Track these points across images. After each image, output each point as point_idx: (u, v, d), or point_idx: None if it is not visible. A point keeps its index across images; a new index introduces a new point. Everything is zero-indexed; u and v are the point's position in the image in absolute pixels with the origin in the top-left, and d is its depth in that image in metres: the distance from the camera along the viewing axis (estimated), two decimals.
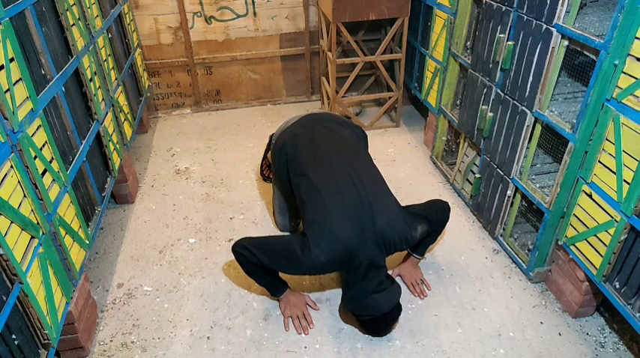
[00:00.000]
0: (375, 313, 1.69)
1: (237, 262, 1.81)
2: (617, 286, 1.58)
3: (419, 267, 2.09)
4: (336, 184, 1.76)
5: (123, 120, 2.65)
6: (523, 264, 2.06)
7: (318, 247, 1.64)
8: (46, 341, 1.45)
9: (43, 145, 1.61)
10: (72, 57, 2.01)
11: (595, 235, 1.64)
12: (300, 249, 1.67)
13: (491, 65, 2.12)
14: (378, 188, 1.81)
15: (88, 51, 2.19)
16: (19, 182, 1.41)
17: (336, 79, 3.20)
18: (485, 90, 2.20)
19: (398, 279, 2.06)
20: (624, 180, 1.48)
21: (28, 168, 1.47)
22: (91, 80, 2.18)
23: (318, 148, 1.90)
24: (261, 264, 1.74)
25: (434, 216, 1.90)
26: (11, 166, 1.37)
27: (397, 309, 1.77)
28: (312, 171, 1.82)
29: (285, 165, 1.96)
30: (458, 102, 2.66)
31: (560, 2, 1.64)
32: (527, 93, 1.87)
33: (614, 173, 1.52)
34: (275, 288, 1.91)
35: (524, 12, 1.85)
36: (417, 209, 1.89)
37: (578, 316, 1.87)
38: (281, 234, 2.34)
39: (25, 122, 1.49)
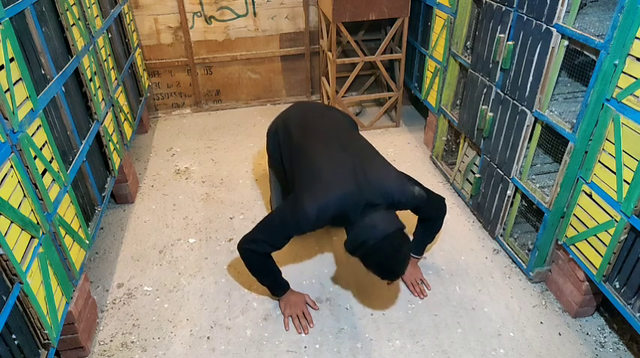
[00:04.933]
0: (376, 235, 1.57)
1: (244, 260, 1.79)
2: (617, 286, 1.58)
3: (418, 267, 2.09)
4: (327, 150, 1.75)
5: (123, 120, 2.65)
6: (523, 264, 2.06)
7: (309, 194, 1.62)
8: (46, 341, 1.45)
9: (43, 145, 1.61)
10: (72, 57, 2.01)
11: (595, 235, 1.64)
12: (292, 205, 1.65)
13: (491, 65, 2.12)
14: (370, 152, 1.81)
15: (88, 51, 2.19)
16: (19, 182, 1.41)
17: (336, 79, 3.20)
18: (485, 90, 2.20)
19: (399, 279, 2.06)
20: (624, 180, 1.48)
21: (28, 168, 1.47)
22: (91, 80, 2.18)
23: (308, 125, 1.92)
24: (272, 247, 1.71)
25: (430, 193, 1.85)
26: (11, 166, 1.37)
27: (403, 241, 1.64)
28: (303, 143, 1.83)
29: (278, 149, 1.98)
30: (458, 102, 2.66)
31: (560, 2, 1.64)
32: (527, 93, 1.87)
33: (614, 173, 1.52)
34: (277, 288, 1.91)
35: (524, 12, 1.85)
36: (415, 182, 1.84)
37: (578, 316, 1.87)
38: None
39: (25, 122, 1.49)
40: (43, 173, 1.58)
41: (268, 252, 1.75)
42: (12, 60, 1.46)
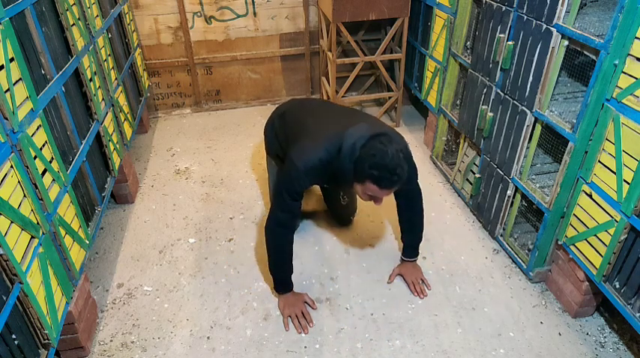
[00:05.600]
0: (362, 140, 1.58)
1: (267, 240, 1.83)
2: (617, 286, 1.58)
3: (418, 266, 2.09)
4: (318, 115, 1.90)
5: (123, 120, 2.65)
6: (523, 264, 2.06)
7: (296, 148, 1.73)
8: (46, 341, 1.45)
9: (43, 145, 1.61)
10: (72, 57, 2.01)
11: (595, 235, 1.64)
12: (285, 165, 1.75)
13: (491, 65, 2.12)
14: (365, 114, 1.97)
15: (88, 51, 2.19)
16: (19, 182, 1.41)
17: (336, 79, 3.20)
18: (485, 90, 2.20)
19: (399, 279, 2.06)
20: (624, 180, 1.48)
21: (28, 168, 1.47)
22: (91, 80, 2.18)
23: (304, 107, 2.06)
24: (286, 213, 1.75)
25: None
26: (11, 166, 1.37)
27: (392, 139, 1.62)
28: (297, 117, 1.95)
29: (275, 138, 2.08)
30: (458, 102, 2.66)
31: (560, 2, 1.64)
32: (527, 93, 1.87)
33: (614, 173, 1.52)
34: (282, 283, 1.92)
35: (524, 12, 1.85)
36: None
37: (578, 316, 1.87)
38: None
39: (25, 122, 1.49)
40: (43, 173, 1.58)
41: (287, 224, 1.78)
42: (12, 60, 1.46)
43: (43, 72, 1.74)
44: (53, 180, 1.66)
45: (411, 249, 2.05)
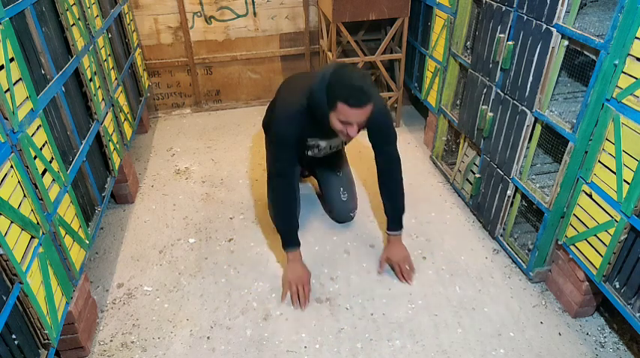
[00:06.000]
0: (330, 70, 1.72)
1: (269, 194, 2.10)
2: (617, 286, 1.58)
3: (404, 246, 2.10)
4: (297, 82, 2.03)
5: (123, 120, 2.65)
6: (523, 264, 2.06)
7: (279, 102, 1.96)
8: (46, 341, 1.46)
9: (43, 145, 1.61)
10: (72, 57, 2.01)
11: (595, 235, 1.64)
12: (274, 119, 1.93)
13: (491, 65, 2.12)
14: None
15: (88, 51, 2.19)
16: (19, 182, 1.41)
17: None
18: (485, 90, 2.20)
19: (401, 284, 2.06)
20: (624, 180, 1.48)
21: (28, 168, 1.47)
22: (91, 80, 2.18)
23: (284, 83, 2.19)
24: (282, 161, 1.90)
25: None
26: (11, 166, 1.37)
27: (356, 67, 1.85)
28: (280, 92, 2.10)
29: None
30: (458, 102, 2.66)
31: (560, 2, 1.64)
32: (527, 93, 1.87)
33: (614, 173, 1.52)
34: (289, 240, 1.98)
35: (524, 12, 1.85)
36: None
37: (578, 316, 1.87)
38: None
39: (25, 122, 1.49)
40: (43, 173, 1.58)
41: (285, 172, 1.91)
42: (12, 60, 1.46)
43: (43, 72, 1.74)
44: (53, 180, 1.66)
45: (394, 220, 2.08)
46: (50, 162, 1.65)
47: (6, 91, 1.39)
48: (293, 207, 1.96)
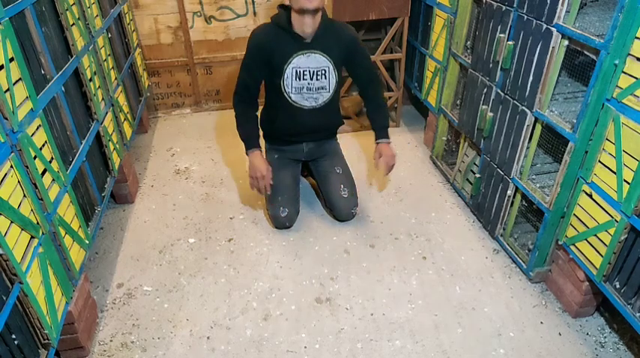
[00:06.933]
0: None
1: (234, 111, 2.27)
2: (618, 286, 1.58)
3: (393, 150, 2.36)
4: None
5: (123, 120, 2.65)
6: (523, 264, 2.06)
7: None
8: (46, 341, 1.45)
9: (43, 145, 1.61)
10: (72, 57, 2.00)
11: (595, 235, 1.64)
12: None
13: (491, 65, 2.12)
14: None
15: (87, 51, 2.19)
16: (18, 182, 1.41)
17: None
18: (485, 90, 2.20)
19: (399, 279, 2.06)
20: (624, 180, 1.48)
21: (27, 168, 1.46)
22: (90, 80, 2.17)
23: None
24: (245, 79, 2.20)
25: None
26: (11, 166, 1.37)
27: None
28: None
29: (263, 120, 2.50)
30: (458, 102, 2.66)
31: (560, 2, 1.64)
32: (527, 93, 1.87)
33: (615, 173, 1.52)
34: (250, 143, 2.27)
35: (525, 12, 1.85)
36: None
37: (578, 316, 1.87)
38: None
39: (25, 122, 1.49)
40: (43, 173, 1.58)
41: (242, 91, 2.23)
42: (12, 60, 1.46)
43: (42, 72, 1.74)
44: (53, 180, 1.66)
45: (382, 129, 2.35)
46: (50, 162, 1.65)
47: (6, 91, 1.39)
48: (251, 117, 2.27)
